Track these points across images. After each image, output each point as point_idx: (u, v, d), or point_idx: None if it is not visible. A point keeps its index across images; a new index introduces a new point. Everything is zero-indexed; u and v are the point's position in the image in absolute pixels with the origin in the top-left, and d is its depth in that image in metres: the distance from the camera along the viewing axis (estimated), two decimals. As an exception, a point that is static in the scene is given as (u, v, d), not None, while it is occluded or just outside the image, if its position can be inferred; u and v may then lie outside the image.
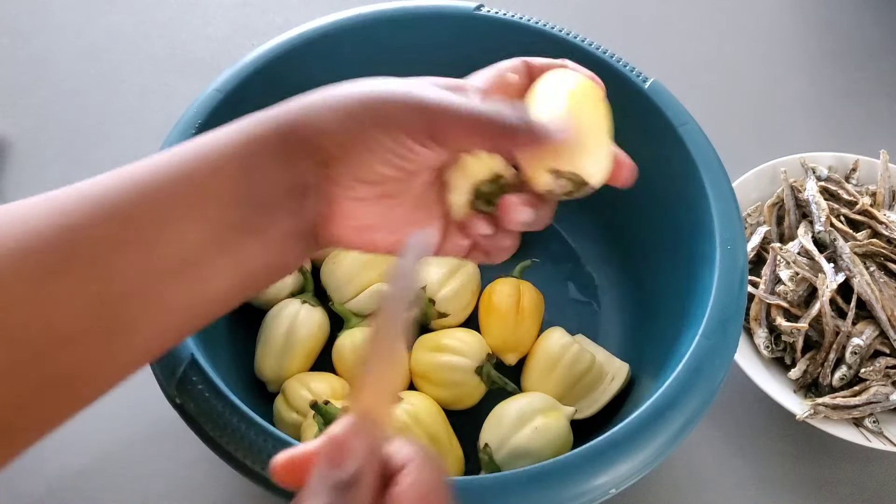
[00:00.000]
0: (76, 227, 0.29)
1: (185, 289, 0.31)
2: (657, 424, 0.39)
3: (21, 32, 0.77)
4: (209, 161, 0.32)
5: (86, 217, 0.29)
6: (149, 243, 0.30)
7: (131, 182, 0.30)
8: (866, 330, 0.55)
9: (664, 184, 0.52)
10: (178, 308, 0.31)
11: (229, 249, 0.31)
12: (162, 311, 0.30)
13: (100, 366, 0.30)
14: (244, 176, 0.31)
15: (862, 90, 0.77)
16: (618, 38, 0.72)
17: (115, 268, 0.29)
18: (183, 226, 0.30)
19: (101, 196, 0.30)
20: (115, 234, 0.29)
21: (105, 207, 0.30)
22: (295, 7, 0.79)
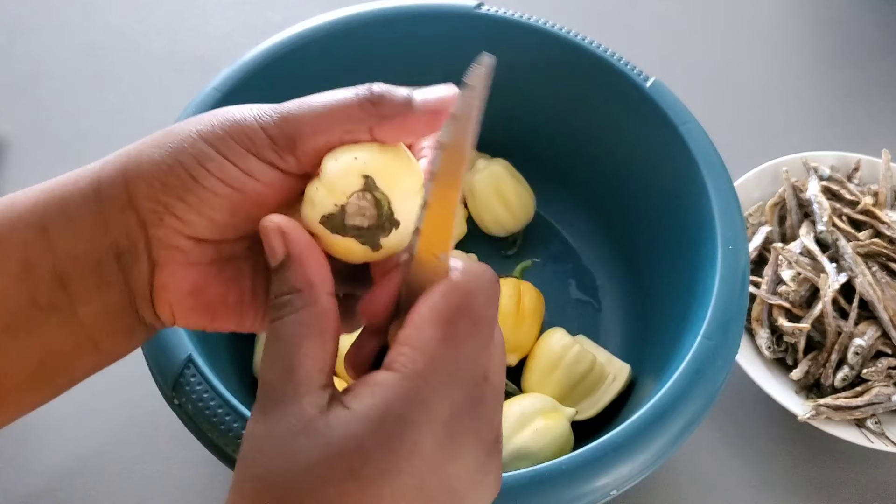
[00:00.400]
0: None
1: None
2: (658, 426, 0.39)
3: (19, 30, 0.77)
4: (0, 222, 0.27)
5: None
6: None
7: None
8: (868, 330, 0.55)
9: (665, 183, 0.52)
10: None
11: (21, 331, 0.27)
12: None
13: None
14: (42, 243, 0.27)
15: (864, 89, 0.76)
16: (619, 37, 0.72)
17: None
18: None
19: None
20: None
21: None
22: (294, 5, 0.79)
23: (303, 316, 0.25)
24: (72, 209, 0.27)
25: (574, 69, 0.55)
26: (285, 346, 0.25)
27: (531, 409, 0.48)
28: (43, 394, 0.29)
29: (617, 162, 0.57)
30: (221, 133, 0.27)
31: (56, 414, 0.54)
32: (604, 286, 0.59)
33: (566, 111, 0.58)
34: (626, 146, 0.56)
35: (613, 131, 0.56)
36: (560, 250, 0.61)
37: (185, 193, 0.27)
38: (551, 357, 0.52)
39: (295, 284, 0.26)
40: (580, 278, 0.60)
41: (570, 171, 0.61)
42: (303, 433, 0.24)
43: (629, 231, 0.58)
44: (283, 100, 0.29)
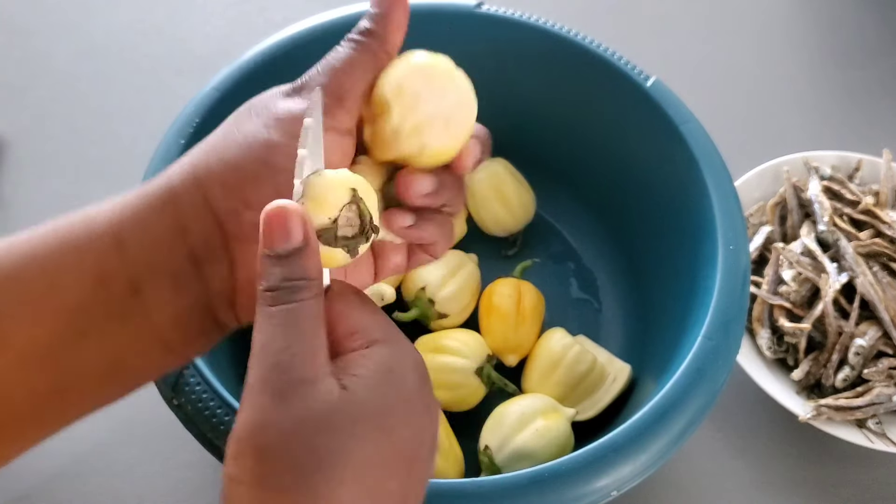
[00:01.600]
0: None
1: (41, 377, 0.28)
2: (659, 426, 0.39)
3: (18, 31, 0.77)
4: (76, 236, 0.28)
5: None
6: (4, 329, 0.27)
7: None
8: (869, 331, 0.54)
9: (666, 183, 0.51)
10: (33, 395, 0.28)
11: (93, 336, 0.28)
12: (15, 398, 0.28)
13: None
14: (118, 257, 0.28)
15: (865, 89, 0.76)
16: (620, 36, 0.71)
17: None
18: (34, 313, 0.27)
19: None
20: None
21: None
22: (293, 5, 0.78)
23: (319, 303, 0.26)
24: (147, 221, 0.29)
25: (574, 68, 0.55)
26: (306, 330, 0.26)
27: (531, 409, 0.48)
28: (114, 392, 0.30)
29: (617, 161, 0.57)
30: (277, 117, 0.29)
31: (55, 414, 0.54)
32: (604, 286, 0.59)
33: (566, 111, 0.58)
34: (626, 146, 0.56)
35: (614, 131, 0.56)
36: (560, 250, 0.61)
37: (260, 183, 0.28)
38: (552, 357, 0.52)
39: (310, 273, 0.26)
40: (580, 278, 0.60)
41: (571, 171, 0.61)
42: (328, 405, 0.25)
43: (630, 231, 0.58)
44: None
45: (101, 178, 0.66)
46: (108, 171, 0.67)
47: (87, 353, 0.28)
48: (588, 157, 0.59)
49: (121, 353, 0.29)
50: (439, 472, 0.47)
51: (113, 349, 0.29)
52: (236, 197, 0.28)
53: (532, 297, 0.55)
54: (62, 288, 0.28)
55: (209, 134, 0.31)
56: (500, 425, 0.48)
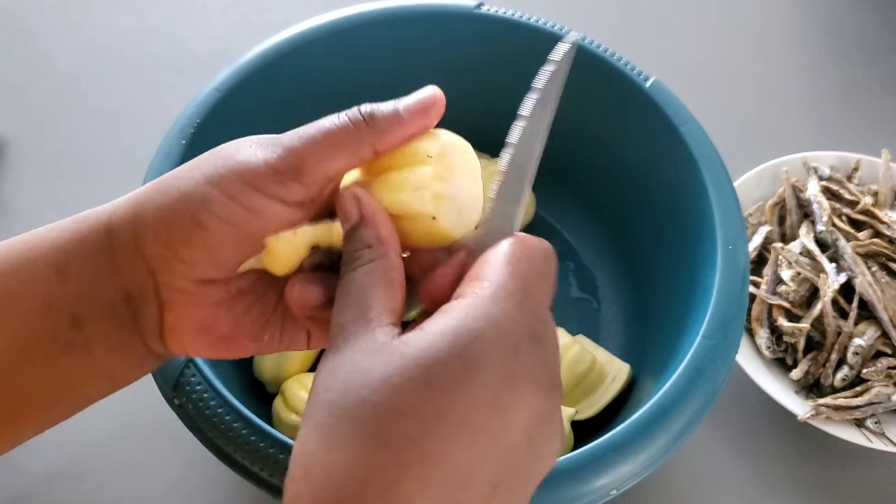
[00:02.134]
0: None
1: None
2: (658, 425, 0.39)
3: (19, 31, 0.77)
4: (16, 266, 0.29)
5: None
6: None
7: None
8: (868, 330, 0.55)
9: (665, 183, 0.52)
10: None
11: (39, 362, 0.29)
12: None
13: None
14: (62, 285, 0.29)
15: (864, 89, 0.76)
16: (619, 36, 0.72)
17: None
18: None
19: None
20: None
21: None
22: (294, 5, 0.78)
23: (375, 266, 0.28)
24: (88, 254, 0.29)
25: (574, 69, 0.55)
26: (358, 291, 0.27)
27: (531, 409, 0.48)
28: (58, 415, 0.31)
29: (617, 162, 0.57)
30: (225, 172, 0.28)
31: (56, 414, 0.54)
32: (604, 286, 0.59)
33: (566, 111, 0.58)
34: (626, 146, 0.56)
35: (613, 131, 0.56)
36: (560, 250, 0.61)
37: (189, 238, 0.28)
38: (551, 357, 0.52)
39: (367, 241, 0.28)
40: (580, 278, 0.60)
41: (570, 171, 0.61)
42: (377, 353, 0.24)
43: (629, 231, 0.58)
44: (284, 100, 0.30)
45: (101, 179, 0.66)
46: (108, 171, 0.67)
47: (32, 378, 0.29)
48: (588, 158, 0.59)
49: (66, 380, 0.30)
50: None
51: (59, 377, 0.29)
52: (168, 249, 0.28)
53: (532, 296, 0.55)
54: (10, 311, 0.28)
55: (207, 135, 0.31)
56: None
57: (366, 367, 0.24)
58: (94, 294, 0.29)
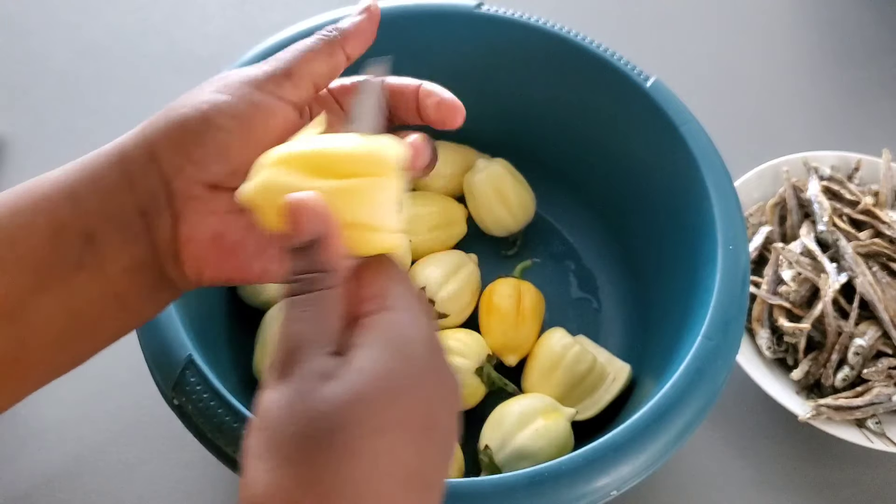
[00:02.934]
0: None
1: (7, 334, 0.29)
2: (659, 426, 0.39)
3: (18, 30, 0.77)
4: (32, 193, 0.30)
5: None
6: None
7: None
8: (869, 330, 0.55)
9: (666, 183, 0.52)
10: (4, 355, 0.29)
11: (51, 288, 0.29)
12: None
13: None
14: (71, 208, 0.30)
15: (864, 89, 0.76)
16: (619, 36, 0.71)
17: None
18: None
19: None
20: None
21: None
22: (293, 5, 0.78)
23: (329, 295, 0.27)
24: (98, 174, 0.30)
25: (574, 69, 0.55)
26: (316, 316, 0.27)
27: (531, 409, 0.48)
28: (69, 356, 0.31)
29: (617, 162, 0.57)
30: (228, 81, 0.31)
31: (56, 414, 0.54)
32: (604, 286, 0.59)
33: (566, 111, 0.58)
34: (626, 146, 0.56)
35: (613, 131, 0.56)
36: (560, 250, 0.61)
37: (201, 137, 0.30)
38: (552, 357, 0.52)
39: (324, 266, 0.27)
40: (580, 278, 0.60)
41: (570, 171, 0.61)
42: (332, 378, 0.25)
43: (630, 231, 0.58)
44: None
45: (101, 179, 0.66)
46: (109, 171, 0.67)
47: (44, 307, 0.29)
48: (588, 158, 0.59)
49: (78, 306, 0.30)
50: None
51: (70, 303, 0.30)
52: (180, 153, 0.30)
53: (532, 296, 0.55)
54: (18, 242, 0.29)
55: None
56: (500, 425, 0.48)
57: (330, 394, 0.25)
58: (107, 209, 0.30)
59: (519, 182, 0.60)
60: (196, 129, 0.30)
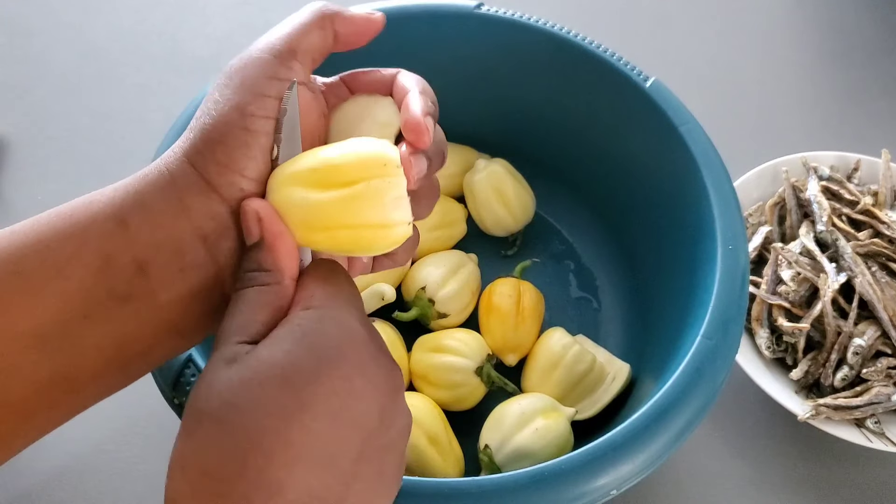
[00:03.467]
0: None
1: (45, 360, 0.28)
2: (658, 425, 0.39)
3: (20, 31, 0.77)
4: (78, 219, 0.29)
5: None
6: (2, 312, 0.27)
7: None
8: (868, 330, 0.55)
9: (665, 184, 0.52)
10: (39, 381, 0.28)
11: (99, 317, 0.28)
12: (20, 383, 0.28)
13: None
14: (122, 235, 0.29)
15: (863, 89, 0.76)
16: (619, 36, 0.72)
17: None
18: (36, 298, 0.28)
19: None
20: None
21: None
22: (294, 6, 0.78)
23: (267, 291, 0.29)
24: (149, 202, 0.29)
25: (574, 69, 0.55)
26: (245, 309, 0.28)
27: (531, 408, 0.48)
28: (120, 379, 0.31)
29: (617, 162, 0.57)
30: (245, 77, 0.31)
31: (56, 414, 0.54)
32: (604, 286, 0.59)
33: (566, 111, 0.58)
34: (625, 146, 0.56)
35: (613, 131, 0.56)
36: (560, 250, 0.62)
37: (247, 149, 0.30)
38: (551, 357, 0.52)
39: (264, 265, 0.29)
40: (580, 278, 0.60)
41: (570, 171, 0.61)
42: (234, 361, 0.26)
43: (629, 231, 0.58)
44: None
45: (101, 179, 0.66)
46: (108, 171, 0.67)
47: (92, 336, 0.29)
48: (588, 158, 0.59)
49: (126, 336, 0.29)
50: (439, 471, 0.47)
51: (118, 332, 0.29)
52: (232, 170, 0.30)
53: (532, 296, 0.55)
54: (65, 271, 0.28)
55: None
56: (500, 424, 0.48)
57: (227, 375, 0.26)
58: (161, 239, 0.29)
59: (519, 182, 0.60)
60: (240, 143, 0.30)
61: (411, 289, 0.55)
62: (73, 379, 0.29)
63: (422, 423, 0.47)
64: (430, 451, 0.47)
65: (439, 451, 0.47)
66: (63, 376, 0.29)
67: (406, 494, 0.35)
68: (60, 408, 0.30)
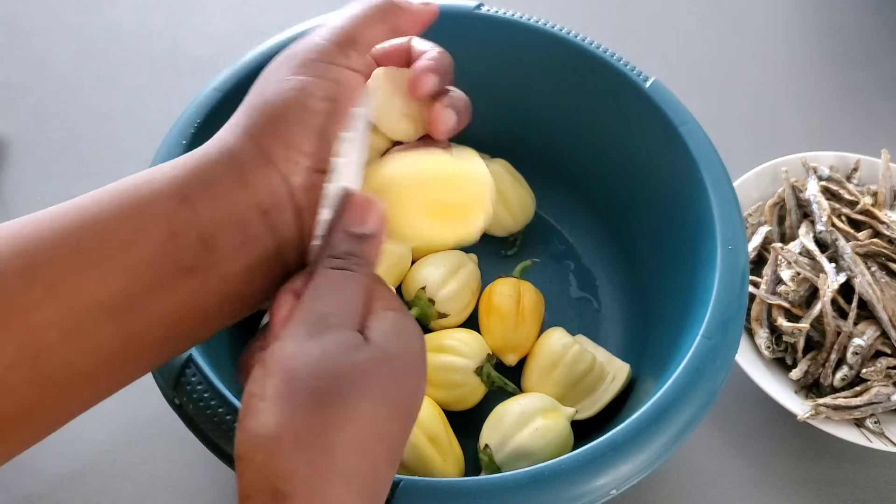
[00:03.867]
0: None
1: (113, 332, 0.28)
2: (658, 425, 0.39)
3: (20, 31, 0.77)
4: (140, 196, 0.29)
5: None
6: (69, 288, 0.28)
7: (53, 224, 0.29)
8: (868, 330, 0.55)
9: (665, 184, 0.52)
10: (107, 350, 0.29)
11: (165, 290, 0.29)
12: (89, 354, 0.28)
13: (29, 411, 0.28)
14: (186, 212, 0.29)
15: (863, 89, 0.76)
16: (619, 36, 0.72)
17: (34, 312, 0.27)
18: (103, 271, 0.28)
19: (13, 236, 0.29)
20: (30, 277, 0.27)
21: (19, 254, 0.28)
22: (294, 5, 0.79)
23: (360, 277, 0.31)
24: (211, 177, 0.30)
25: (574, 69, 0.55)
26: (351, 294, 0.30)
27: (531, 408, 0.48)
28: (180, 346, 0.32)
29: (617, 162, 0.57)
30: (304, 59, 0.32)
31: (57, 414, 0.54)
32: (603, 286, 0.59)
33: (566, 111, 0.58)
34: (625, 146, 0.56)
35: (613, 131, 0.56)
36: (560, 250, 0.62)
37: (305, 126, 0.31)
38: (551, 356, 0.52)
39: (370, 255, 0.31)
40: (580, 278, 0.60)
41: (570, 171, 0.61)
42: (358, 350, 0.28)
43: (629, 231, 0.58)
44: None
45: (101, 179, 0.66)
46: (109, 171, 0.66)
47: (161, 306, 0.29)
48: (588, 158, 0.59)
49: (193, 305, 0.30)
50: (439, 471, 0.47)
51: (185, 302, 0.30)
52: (291, 146, 0.31)
53: (532, 296, 0.55)
54: (131, 247, 0.29)
55: (207, 135, 0.32)
56: (500, 424, 0.48)
57: (350, 358, 0.28)
58: (223, 215, 0.30)
59: (519, 182, 0.60)
60: (299, 120, 0.31)
61: (411, 288, 0.55)
62: (139, 347, 0.30)
63: (422, 422, 0.47)
64: (430, 451, 0.47)
65: (439, 450, 0.47)
66: (131, 345, 0.29)
67: (406, 494, 0.35)
68: (124, 373, 0.31)
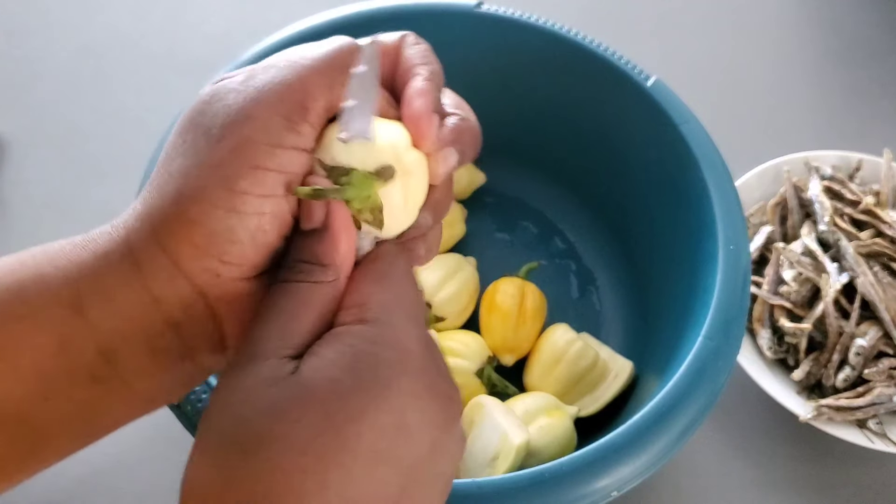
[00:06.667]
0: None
1: (4, 437, 0.26)
2: (659, 426, 0.39)
3: (17, 31, 0.77)
4: (27, 297, 0.25)
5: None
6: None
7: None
8: (870, 331, 0.54)
9: (667, 183, 0.51)
10: (7, 460, 0.26)
11: (61, 398, 0.26)
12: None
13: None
14: (80, 323, 0.25)
15: (865, 89, 0.76)
16: (620, 36, 0.71)
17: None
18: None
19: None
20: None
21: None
22: (293, 5, 0.78)
23: (318, 289, 0.25)
24: (108, 286, 0.25)
25: (575, 68, 0.55)
26: (286, 310, 0.25)
27: (535, 407, 0.48)
28: (84, 442, 0.29)
29: (618, 161, 0.57)
30: (232, 141, 0.25)
31: (55, 415, 0.54)
32: (604, 286, 0.59)
33: (567, 110, 0.58)
34: (627, 145, 0.56)
35: (614, 131, 0.56)
36: (560, 250, 0.61)
37: (231, 233, 0.25)
38: (554, 352, 0.52)
39: (321, 258, 0.25)
40: (581, 278, 0.60)
41: (571, 171, 0.61)
42: (275, 385, 0.23)
43: (630, 231, 0.58)
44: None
45: (101, 179, 0.66)
46: (108, 171, 0.67)
47: (55, 414, 0.26)
48: (588, 157, 0.59)
49: (94, 411, 0.27)
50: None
51: (85, 410, 0.27)
52: (208, 254, 0.25)
53: (535, 299, 0.55)
54: (16, 354, 0.25)
55: None
56: (502, 424, 0.48)
57: (264, 398, 0.23)
58: (127, 330, 0.25)
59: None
60: (224, 227, 0.25)
61: (411, 289, 0.55)
62: (35, 452, 0.27)
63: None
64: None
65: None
66: (25, 451, 0.27)
67: (406, 496, 0.35)
68: (20, 471, 0.28)
